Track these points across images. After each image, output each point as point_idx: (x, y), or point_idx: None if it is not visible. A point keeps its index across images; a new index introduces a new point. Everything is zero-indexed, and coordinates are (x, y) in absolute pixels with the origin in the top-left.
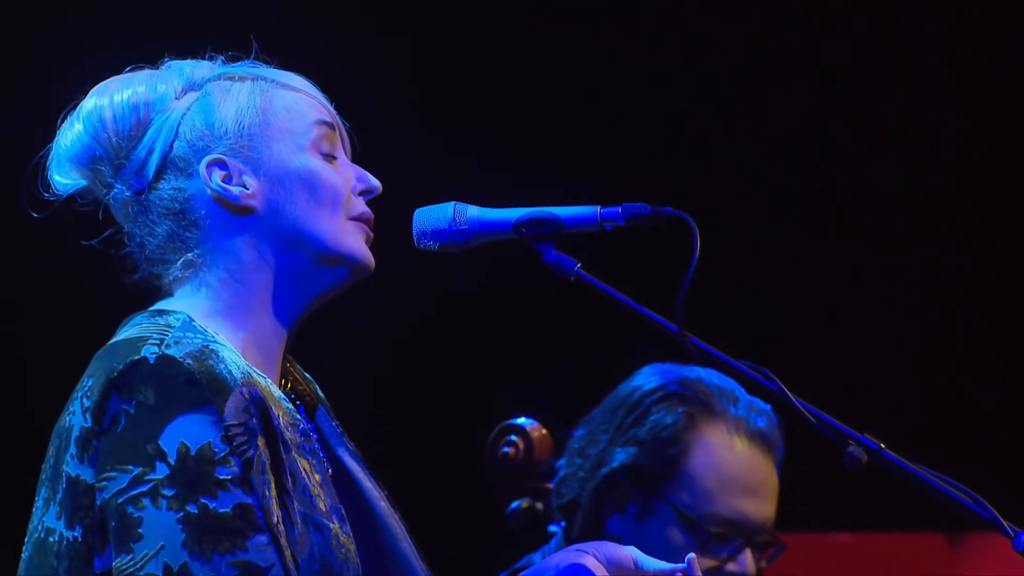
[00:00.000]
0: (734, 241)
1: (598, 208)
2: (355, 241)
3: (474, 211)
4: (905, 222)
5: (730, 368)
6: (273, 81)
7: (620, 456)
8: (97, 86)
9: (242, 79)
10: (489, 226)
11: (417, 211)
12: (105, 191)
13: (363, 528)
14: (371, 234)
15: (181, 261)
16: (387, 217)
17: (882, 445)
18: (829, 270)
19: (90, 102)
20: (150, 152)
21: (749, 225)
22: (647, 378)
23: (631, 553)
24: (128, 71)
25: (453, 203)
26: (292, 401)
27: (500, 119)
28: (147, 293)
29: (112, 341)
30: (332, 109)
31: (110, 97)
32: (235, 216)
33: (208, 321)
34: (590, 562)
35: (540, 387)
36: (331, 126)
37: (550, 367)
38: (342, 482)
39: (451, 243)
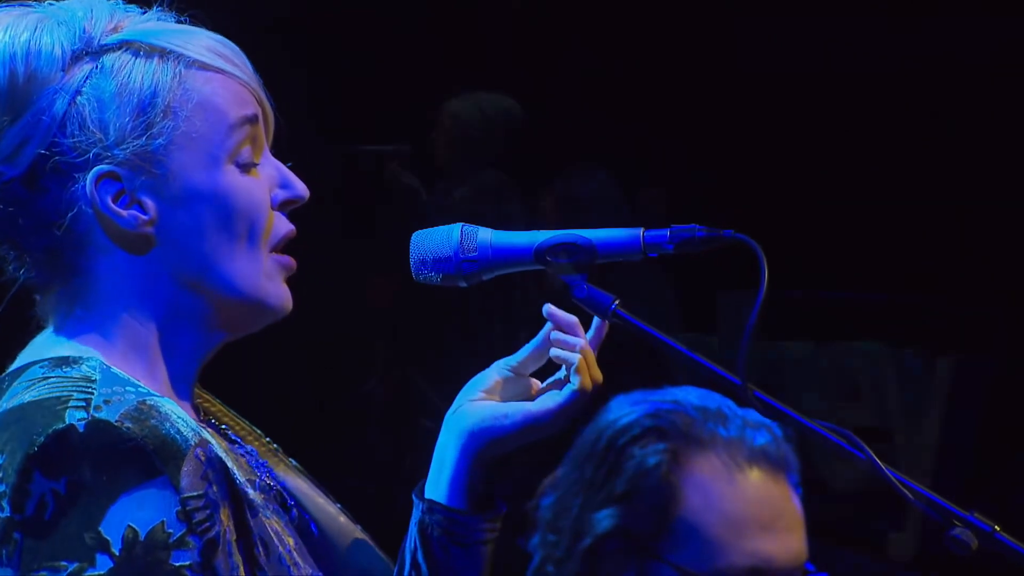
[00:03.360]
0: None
1: (640, 231)
2: (275, 287)
3: (486, 235)
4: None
5: (806, 430)
6: (189, 61)
7: (601, 522)
8: None
9: (149, 53)
10: (505, 253)
11: (415, 235)
12: None
13: (321, 551)
14: (294, 265)
15: (63, 289)
16: None
17: (996, 527)
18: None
19: None
20: (24, 141)
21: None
22: (615, 416)
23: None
24: (4, 6)
25: (460, 225)
26: (223, 433)
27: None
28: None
29: (18, 402)
30: (257, 84)
31: None
32: (129, 243)
33: (120, 364)
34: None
35: None
36: (255, 120)
37: None
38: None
39: (457, 274)
